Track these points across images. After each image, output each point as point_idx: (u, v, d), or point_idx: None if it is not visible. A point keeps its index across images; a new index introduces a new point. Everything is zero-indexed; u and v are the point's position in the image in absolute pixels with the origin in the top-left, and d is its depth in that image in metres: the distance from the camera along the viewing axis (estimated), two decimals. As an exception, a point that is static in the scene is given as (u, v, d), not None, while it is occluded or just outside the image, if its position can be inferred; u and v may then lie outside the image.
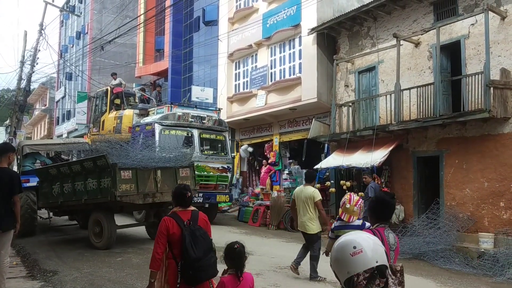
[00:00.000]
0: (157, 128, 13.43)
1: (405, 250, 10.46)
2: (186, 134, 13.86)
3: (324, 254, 6.82)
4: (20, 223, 6.11)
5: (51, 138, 41.64)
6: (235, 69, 20.50)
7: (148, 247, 9.85)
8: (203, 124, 14.23)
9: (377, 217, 3.29)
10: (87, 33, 35.83)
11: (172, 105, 14.36)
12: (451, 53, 12.08)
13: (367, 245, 2.17)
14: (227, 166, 14.49)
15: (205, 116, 14.47)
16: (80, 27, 37.87)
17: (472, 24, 11.19)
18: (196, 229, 4.14)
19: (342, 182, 13.80)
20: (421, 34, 12.10)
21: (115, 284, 6.86)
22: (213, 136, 14.64)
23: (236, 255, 3.79)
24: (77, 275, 7.35)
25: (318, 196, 7.74)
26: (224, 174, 14.29)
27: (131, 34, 24.80)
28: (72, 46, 39.46)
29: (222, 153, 14.76)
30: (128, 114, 15.74)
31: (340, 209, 6.23)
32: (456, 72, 11.76)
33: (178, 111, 14.04)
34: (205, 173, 13.74)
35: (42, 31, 22.59)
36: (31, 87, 25.92)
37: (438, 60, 11.51)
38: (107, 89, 17.59)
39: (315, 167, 14.46)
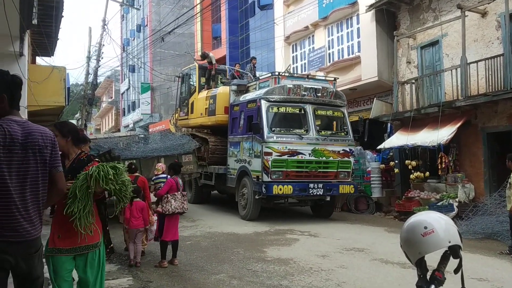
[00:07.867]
0: (264, 105, 11.47)
1: (476, 230, 10.08)
2: (298, 111, 11.76)
3: None
4: None
5: (118, 130, 43.63)
6: (292, 52, 20.38)
7: (215, 231, 10.16)
8: (317, 98, 11.91)
9: (173, 172, 7.44)
10: (146, 25, 36.84)
11: (280, 76, 12.10)
12: (522, 21, 11.36)
13: (438, 226, 2.13)
14: (349, 149, 12.15)
15: (320, 87, 12.00)
16: (140, 20, 38.97)
17: (545, -12, 10.45)
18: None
19: (407, 161, 13.46)
20: (488, 3, 11.43)
21: (186, 266, 7.18)
22: (329, 113, 12.20)
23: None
24: (150, 258, 7.72)
25: None
26: (346, 158, 11.96)
27: (189, 23, 25.25)
28: (134, 39, 40.72)
29: (342, 133, 12.36)
30: (223, 92, 13.73)
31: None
32: (528, 41, 11.06)
33: (287, 82, 11.84)
34: (324, 158, 11.58)
35: (105, 26, 23.50)
36: (98, 81, 27.09)
37: (508, 29, 10.85)
38: (195, 66, 16.00)
39: (378, 147, 14.21)
